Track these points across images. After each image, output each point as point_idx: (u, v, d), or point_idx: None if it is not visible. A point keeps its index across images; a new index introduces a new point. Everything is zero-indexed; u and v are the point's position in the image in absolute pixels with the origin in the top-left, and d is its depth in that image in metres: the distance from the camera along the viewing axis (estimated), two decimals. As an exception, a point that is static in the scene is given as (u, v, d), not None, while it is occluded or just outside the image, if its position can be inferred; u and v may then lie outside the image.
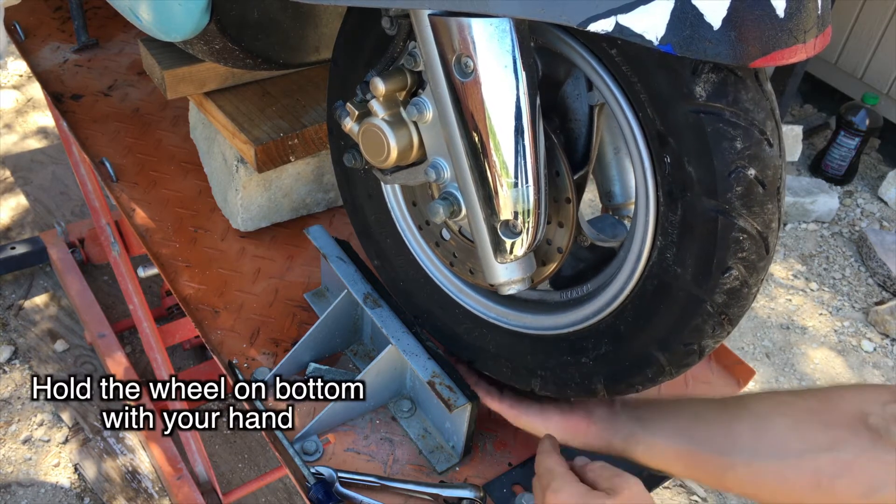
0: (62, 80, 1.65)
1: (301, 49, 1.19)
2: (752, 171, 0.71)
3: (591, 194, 3.21)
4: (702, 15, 0.62)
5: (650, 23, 0.63)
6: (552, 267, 0.93)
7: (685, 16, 0.63)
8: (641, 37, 0.64)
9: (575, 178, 0.88)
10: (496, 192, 0.80)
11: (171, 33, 1.10)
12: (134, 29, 1.55)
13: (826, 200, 3.32)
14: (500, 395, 1.05)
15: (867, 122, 3.45)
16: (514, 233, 0.82)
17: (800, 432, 0.84)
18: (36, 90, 3.45)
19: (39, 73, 1.66)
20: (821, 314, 2.95)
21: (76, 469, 2.21)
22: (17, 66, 3.66)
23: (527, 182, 0.79)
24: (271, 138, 1.24)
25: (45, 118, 3.37)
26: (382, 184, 1.07)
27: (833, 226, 3.35)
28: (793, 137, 3.47)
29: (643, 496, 0.81)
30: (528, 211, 0.80)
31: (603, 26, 0.64)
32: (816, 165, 3.60)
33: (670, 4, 0.62)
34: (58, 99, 1.60)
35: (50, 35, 1.77)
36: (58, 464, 2.22)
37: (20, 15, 1.81)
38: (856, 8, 3.64)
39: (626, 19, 0.64)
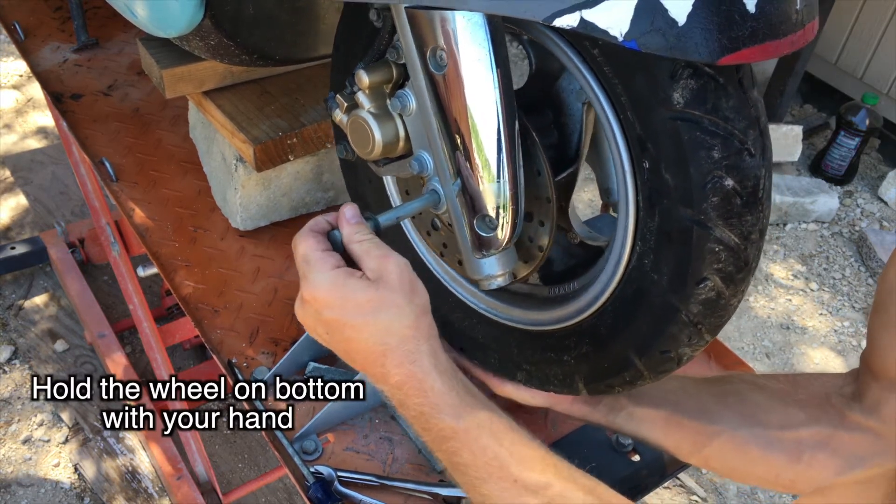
0: (62, 79, 1.65)
1: (298, 45, 1.19)
2: (729, 182, 0.68)
3: (591, 193, 3.21)
4: (666, 10, 0.61)
5: (614, 18, 0.62)
6: (534, 265, 0.92)
7: (649, 11, 0.61)
8: (606, 32, 0.62)
9: (564, 175, 0.87)
10: (472, 187, 0.80)
11: (166, 29, 1.10)
12: (134, 29, 1.55)
13: (826, 200, 3.32)
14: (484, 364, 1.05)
15: (867, 122, 3.44)
16: (490, 227, 0.81)
17: (779, 408, 0.90)
18: (36, 90, 3.45)
19: (39, 73, 1.66)
20: (821, 314, 2.95)
21: (76, 469, 2.21)
22: (17, 66, 3.66)
23: (503, 177, 0.78)
24: (270, 137, 1.24)
25: (45, 118, 3.37)
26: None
27: (833, 226, 3.35)
28: (793, 137, 3.47)
29: (407, 280, 0.75)
30: (505, 206, 0.80)
31: (568, 21, 0.63)
32: (816, 165, 3.60)
33: None
34: (58, 99, 1.60)
35: (50, 35, 1.77)
36: (58, 464, 2.22)
37: (20, 15, 1.81)
38: (856, 8, 3.64)
39: (591, 14, 0.62)
